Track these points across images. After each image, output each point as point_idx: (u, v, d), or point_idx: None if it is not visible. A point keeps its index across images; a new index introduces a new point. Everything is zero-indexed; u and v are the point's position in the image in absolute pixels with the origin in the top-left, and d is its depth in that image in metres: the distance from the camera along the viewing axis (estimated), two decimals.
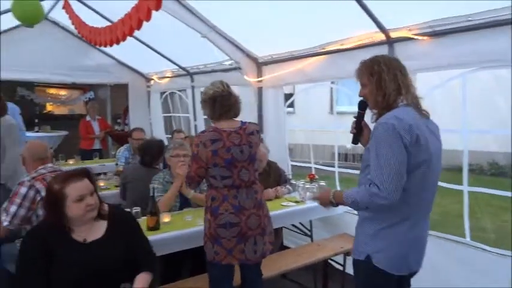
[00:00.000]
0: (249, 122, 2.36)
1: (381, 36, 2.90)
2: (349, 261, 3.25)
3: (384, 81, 1.66)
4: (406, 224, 1.66)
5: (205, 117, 6.05)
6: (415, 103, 1.68)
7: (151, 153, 3.39)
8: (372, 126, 1.73)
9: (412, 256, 1.70)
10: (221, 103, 2.23)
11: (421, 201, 1.69)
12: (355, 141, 1.90)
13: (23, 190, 2.39)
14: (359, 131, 1.87)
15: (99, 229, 1.82)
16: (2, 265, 2.53)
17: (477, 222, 4.46)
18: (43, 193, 2.43)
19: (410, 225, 1.66)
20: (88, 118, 6.39)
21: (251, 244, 2.21)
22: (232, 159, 2.17)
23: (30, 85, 8.03)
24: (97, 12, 4.39)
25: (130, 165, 4.18)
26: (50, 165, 2.66)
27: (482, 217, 5.42)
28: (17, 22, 4.72)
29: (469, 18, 2.42)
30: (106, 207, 1.88)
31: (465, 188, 2.74)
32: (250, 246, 2.21)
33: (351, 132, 1.89)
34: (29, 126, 6.47)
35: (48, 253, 1.69)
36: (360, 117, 1.86)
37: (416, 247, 1.72)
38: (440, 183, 1.90)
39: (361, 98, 1.81)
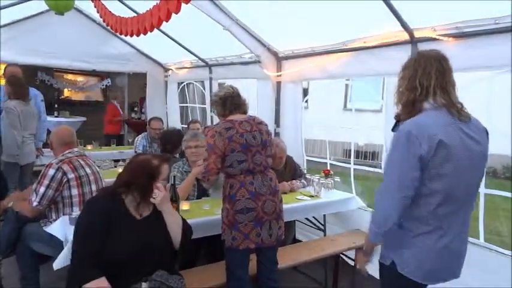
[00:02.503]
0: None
1: (405, 36, 2.90)
2: None
3: (402, 78, 1.64)
4: (435, 234, 1.58)
5: None
6: (448, 105, 1.56)
7: (172, 142, 3.54)
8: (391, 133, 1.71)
9: (441, 266, 1.62)
10: (231, 101, 2.42)
11: (453, 211, 1.60)
12: (393, 129, 1.81)
13: (51, 172, 2.49)
14: (398, 121, 1.78)
15: (148, 206, 1.95)
16: (27, 243, 2.63)
17: (491, 224, 4.45)
18: (70, 175, 2.53)
19: (440, 235, 1.58)
20: (115, 103, 6.73)
21: (266, 228, 2.33)
22: (246, 144, 2.31)
23: (49, 70, 8.17)
24: (122, 3, 4.45)
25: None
26: (76, 149, 2.76)
27: (497, 219, 5.40)
28: (41, 8, 4.86)
29: (497, 21, 2.41)
30: None
31: (482, 190, 2.75)
32: (265, 230, 2.32)
33: (394, 118, 1.83)
34: (49, 111, 6.62)
35: (107, 222, 1.80)
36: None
37: (447, 258, 1.62)
38: None
39: None
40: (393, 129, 1.84)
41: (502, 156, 7.22)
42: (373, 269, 3.51)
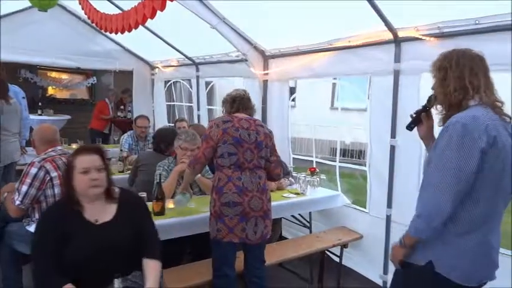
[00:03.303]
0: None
1: (389, 35, 2.94)
2: (346, 253, 3.35)
3: (448, 78, 1.58)
4: (476, 233, 1.55)
5: (209, 107, 6.15)
6: (491, 104, 1.55)
7: (166, 140, 3.49)
8: (438, 129, 1.65)
9: (480, 266, 1.59)
10: (240, 102, 2.52)
11: (493, 212, 1.58)
12: (409, 127, 1.84)
13: (34, 170, 2.45)
14: (416, 119, 1.80)
15: (110, 211, 1.88)
16: (9, 243, 2.59)
17: None
18: (53, 174, 2.50)
19: (476, 237, 1.55)
20: (107, 101, 6.69)
21: (252, 225, 2.35)
22: (239, 138, 2.36)
23: (33, 68, 8.02)
24: (108, 0, 4.40)
25: (145, 151, 4.30)
26: (59, 148, 2.72)
27: None
28: (24, 5, 4.77)
29: (477, 22, 2.46)
30: (117, 190, 1.94)
31: None
32: (251, 227, 2.35)
33: (410, 116, 1.83)
34: (32, 109, 6.51)
35: (62, 232, 1.76)
36: (423, 108, 1.79)
37: (485, 259, 1.60)
38: None
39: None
40: (408, 127, 1.85)
41: None
42: (354, 263, 3.57)
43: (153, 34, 5.01)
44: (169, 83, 6.74)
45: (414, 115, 1.82)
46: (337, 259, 3.37)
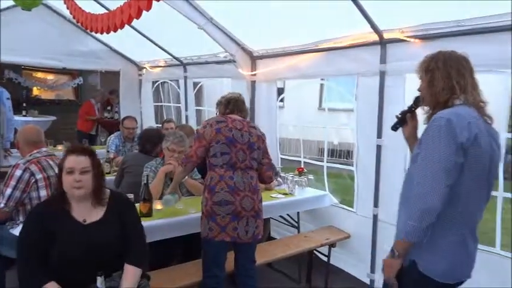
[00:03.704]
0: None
1: (374, 37, 2.98)
2: (334, 252, 3.38)
3: (436, 79, 1.60)
4: (459, 232, 1.56)
5: (197, 107, 6.13)
6: (476, 105, 1.58)
7: (152, 141, 3.48)
8: (423, 129, 1.65)
9: (457, 266, 1.60)
10: (234, 104, 2.56)
11: (473, 211, 1.59)
12: (394, 127, 1.86)
13: (18, 173, 2.42)
14: (401, 120, 1.83)
15: (99, 212, 1.88)
16: None
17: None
18: (38, 176, 2.47)
19: (457, 233, 1.56)
20: (93, 102, 6.60)
21: (243, 224, 2.36)
22: (232, 138, 2.39)
23: (17, 68, 7.87)
24: None
25: (130, 152, 4.26)
26: (44, 149, 2.68)
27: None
28: (8, 3, 4.69)
29: (460, 24, 2.52)
30: (107, 193, 1.94)
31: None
32: (242, 226, 2.35)
33: (396, 117, 1.86)
34: (17, 110, 6.39)
35: (49, 232, 1.75)
36: (408, 109, 1.81)
37: (465, 257, 1.61)
38: None
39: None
40: (393, 128, 1.87)
41: None
42: (342, 262, 3.60)
43: (140, 34, 4.98)
44: (156, 84, 6.69)
45: (399, 116, 1.84)
46: (325, 258, 3.39)
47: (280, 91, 5.30)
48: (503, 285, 2.46)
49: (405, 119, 1.82)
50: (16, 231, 2.39)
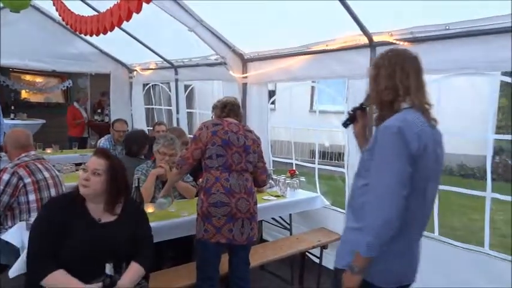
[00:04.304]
0: None
1: (364, 40, 3.01)
2: (326, 254, 3.39)
3: (380, 76, 1.55)
4: (399, 239, 1.48)
5: (188, 110, 6.11)
6: (422, 107, 1.52)
7: (137, 143, 3.46)
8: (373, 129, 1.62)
9: (403, 270, 1.58)
10: (230, 108, 2.57)
11: (419, 216, 1.55)
12: (344, 124, 1.84)
13: (6, 177, 2.38)
14: (351, 117, 1.80)
15: (114, 213, 1.92)
16: None
17: (446, 219, 4.68)
18: (26, 180, 2.44)
19: (403, 240, 1.51)
20: (77, 105, 6.52)
21: (239, 226, 2.36)
22: (228, 141, 2.40)
23: (5, 70, 7.77)
24: (83, 1, 4.31)
25: (117, 156, 4.17)
26: (33, 152, 2.65)
27: (452, 215, 5.69)
28: None
29: (447, 27, 2.55)
30: (122, 199, 1.96)
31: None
32: (238, 228, 2.36)
33: (347, 113, 1.84)
34: (5, 113, 6.31)
35: (64, 225, 1.78)
36: (359, 106, 1.79)
37: (409, 261, 1.59)
38: None
39: None
40: (344, 124, 1.83)
41: (454, 155, 7.62)
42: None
43: (130, 36, 4.95)
44: (147, 86, 6.66)
45: (351, 112, 1.81)
46: (317, 260, 3.40)
47: (272, 93, 5.31)
48: (491, 285, 2.50)
49: (355, 117, 1.79)
50: (4, 236, 2.36)
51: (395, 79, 1.52)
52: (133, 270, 1.88)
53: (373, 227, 1.43)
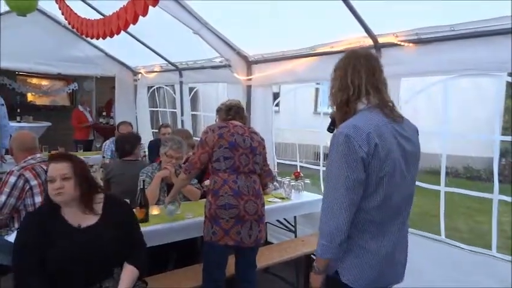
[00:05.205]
0: None
1: (369, 41, 3.00)
2: None
3: (335, 78, 1.57)
4: (374, 241, 1.51)
5: (193, 112, 6.13)
6: (381, 106, 1.51)
7: (130, 142, 3.42)
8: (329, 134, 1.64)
9: (384, 272, 1.57)
10: (235, 111, 2.58)
11: (390, 216, 1.54)
12: (329, 128, 1.79)
13: (13, 179, 2.40)
14: (333, 122, 1.76)
15: (93, 216, 1.87)
16: None
17: (452, 221, 4.65)
18: (32, 182, 2.45)
19: (379, 242, 1.52)
20: (81, 108, 6.56)
21: (247, 228, 2.35)
22: (235, 143, 2.39)
23: (11, 74, 7.83)
24: (89, 5, 4.35)
25: (112, 161, 4.19)
26: (39, 155, 2.67)
27: (458, 217, 5.65)
28: (2, 9, 4.67)
29: (452, 28, 2.54)
30: (101, 197, 1.92)
31: (442, 188, 2.88)
32: (246, 230, 2.35)
33: (329, 117, 1.80)
34: (11, 116, 6.36)
35: (45, 236, 1.75)
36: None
37: (388, 264, 1.57)
38: (418, 184, 1.90)
39: None
40: (328, 129, 1.80)
41: (461, 157, 7.56)
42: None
43: (135, 39, 4.97)
44: (152, 89, 6.69)
45: (331, 117, 1.77)
46: None
47: (276, 95, 5.31)
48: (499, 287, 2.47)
49: (335, 121, 1.75)
50: (11, 238, 2.37)
51: (347, 79, 1.53)
52: (129, 273, 1.85)
53: (326, 233, 1.47)
